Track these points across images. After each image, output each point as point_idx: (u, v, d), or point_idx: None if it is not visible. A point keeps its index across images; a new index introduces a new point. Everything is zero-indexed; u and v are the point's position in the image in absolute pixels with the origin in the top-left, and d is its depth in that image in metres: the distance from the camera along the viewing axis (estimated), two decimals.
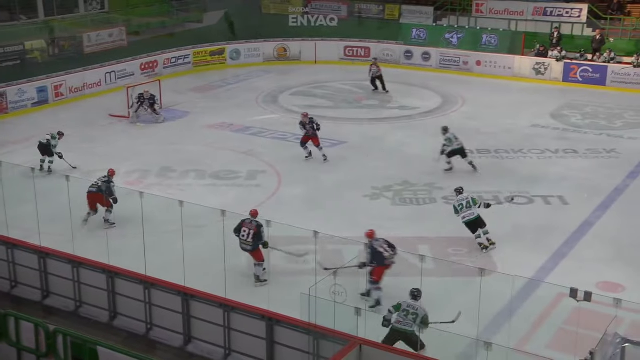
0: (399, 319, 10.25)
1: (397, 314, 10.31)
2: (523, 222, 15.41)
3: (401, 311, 10.30)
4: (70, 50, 26.94)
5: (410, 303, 10.38)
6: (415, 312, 10.25)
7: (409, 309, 10.28)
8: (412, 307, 10.30)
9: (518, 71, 27.97)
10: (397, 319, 10.28)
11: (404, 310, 10.29)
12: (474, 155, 19.47)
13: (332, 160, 19.24)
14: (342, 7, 32.60)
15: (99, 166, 18.40)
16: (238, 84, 27.59)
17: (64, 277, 12.31)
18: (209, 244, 12.75)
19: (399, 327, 10.22)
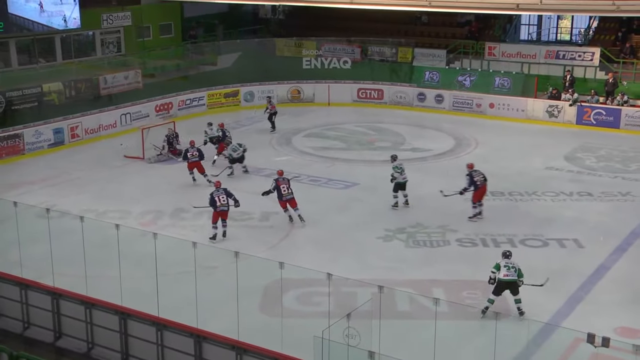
0: (506, 273, 12.80)
1: (503, 270, 12.84)
2: (538, 265, 15.25)
3: (503, 267, 12.87)
4: (86, 92, 27.28)
5: (507, 261, 12.99)
6: (514, 266, 12.90)
7: (509, 265, 12.91)
8: (510, 263, 12.96)
9: (531, 114, 28.02)
10: (504, 273, 12.81)
11: (505, 266, 12.88)
12: (487, 198, 19.41)
13: (345, 202, 19.25)
14: (355, 49, 32.90)
15: (112, 207, 18.55)
16: (252, 126, 27.76)
17: (76, 318, 12.29)
18: (222, 285, 12.69)
19: (507, 279, 12.79)
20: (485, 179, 18.11)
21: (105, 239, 13.12)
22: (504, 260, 13.07)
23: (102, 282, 13.38)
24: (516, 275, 12.88)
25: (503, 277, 12.85)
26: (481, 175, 17.96)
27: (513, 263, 12.97)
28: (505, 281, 12.83)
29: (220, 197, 16.69)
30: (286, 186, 17.46)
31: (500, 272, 12.88)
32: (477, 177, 17.92)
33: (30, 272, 13.21)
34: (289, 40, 33.98)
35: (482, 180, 17.96)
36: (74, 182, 20.93)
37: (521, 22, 35.57)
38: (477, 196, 17.92)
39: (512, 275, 12.82)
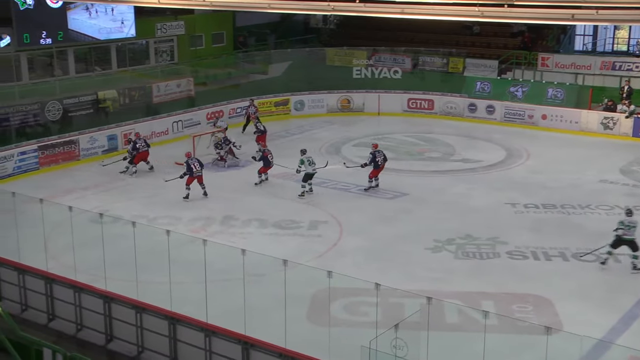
0: (625, 232, 15.10)
1: (622, 229, 15.16)
2: (592, 280, 14.97)
3: (624, 226, 15.15)
4: (139, 100, 27.79)
5: (629, 219, 15.21)
6: (634, 225, 15.18)
7: (630, 224, 15.14)
8: (631, 222, 15.18)
9: (585, 125, 27.51)
10: (623, 232, 15.11)
11: (627, 225, 15.16)
12: (539, 210, 19.13)
13: (393, 213, 19.17)
14: (405, 59, 32.80)
15: (163, 213, 18.82)
16: (301, 135, 27.88)
17: (127, 322, 12.48)
18: (270, 293, 12.74)
19: (626, 238, 15.16)
20: (385, 159, 20.90)
21: (156, 245, 13.31)
22: (625, 219, 15.37)
23: (152, 287, 13.57)
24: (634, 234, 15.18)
25: (624, 237, 15.19)
26: (382, 156, 20.83)
27: (633, 222, 15.26)
28: (626, 240, 15.22)
29: (194, 164, 19.97)
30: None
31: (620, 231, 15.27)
32: (378, 157, 20.76)
33: (84, 276, 13.48)
34: (339, 50, 34.07)
35: (382, 160, 20.81)
36: (126, 188, 21.31)
37: (576, 33, 35.06)
38: (374, 173, 20.81)
39: (631, 235, 15.14)
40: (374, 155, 20.77)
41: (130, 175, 22.38)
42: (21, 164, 22.30)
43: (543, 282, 14.88)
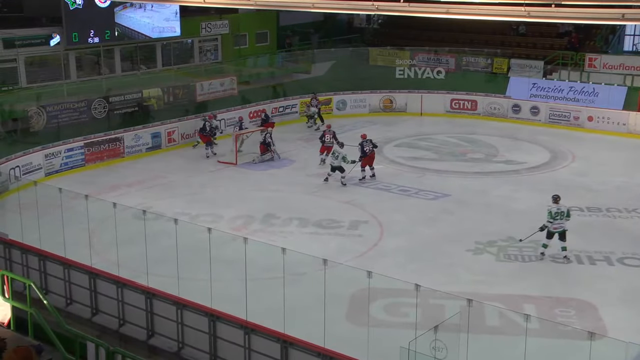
0: (554, 225, 15.52)
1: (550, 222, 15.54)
2: (637, 285, 14.67)
3: (551, 217, 15.54)
4: (183, 98, 28.10)
5: (556, 207, 15.62)
6: (562, 212, 15.55)
7: (558, 213, 15.54)
8: (559, 210, 15.59)
9: (633, 128, 26.94)
10: (551, 225, 15.55)
11: (554, 215, 15.52)
12: (583, 213, 18.81)
13: (434, 214, 19.05)
14: (449, 59, 32.55)
15: (205, 210, 19.00)
16: (343, 134, 27.76)
17: (168, 317, 12.62)
18: (310, 292, 12.76)
19: (554, 231, 15.57)
20: (374, 147, 21.50)
21: (198, 242, 13.41)
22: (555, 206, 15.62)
23: (193, 284, 13.68)
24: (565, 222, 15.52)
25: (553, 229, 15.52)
26: (370, 145, 21.44)
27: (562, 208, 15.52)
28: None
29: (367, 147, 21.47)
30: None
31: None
32: (366, 146, 21.41)
33: (126, 272, 13.67)
34: (382, 50, 33.97)
35: (370, 149, 21.41)
36: (169, 185, 21.58)
37: (625, 33, 34.33)
38: (364, 162, 21.51)
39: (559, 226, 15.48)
40: (362, 145, 21.48)
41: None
42: (68, 160, 22.75)
43: (587, 286, 14.65)
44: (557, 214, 15.58)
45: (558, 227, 15.62)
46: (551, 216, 15.58)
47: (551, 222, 15.61)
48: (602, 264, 15.76)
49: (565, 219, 15.65)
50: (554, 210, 15.61)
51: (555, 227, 15.62)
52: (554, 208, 15.66)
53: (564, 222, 15.64)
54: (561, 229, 15.63)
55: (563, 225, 15.62)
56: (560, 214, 15.58)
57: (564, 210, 15.64)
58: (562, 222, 15.62)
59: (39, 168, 21.78)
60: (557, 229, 15.62)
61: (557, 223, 15.60)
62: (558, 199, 15.86)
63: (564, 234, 15.66)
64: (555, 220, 15.58)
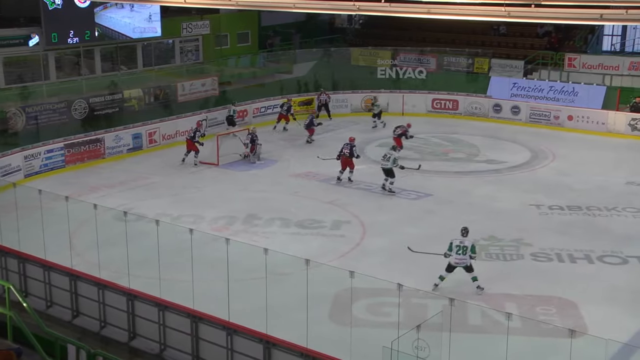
0: (456, 259, 14.00)
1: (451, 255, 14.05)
2: (617, 283, 14.79)
3: (455, 251, 14.00)
4: (164, 99, 27.99)
5: (460, 240, 14.08)
6: (465, 247, 13.97)
7: (460, 247, 13.97)
8: (462, 243, 14.04)
9: (612, 127, 27.19)
10: (454, 259, 14.03)
11: (457, 247, 13.97)
12: (564, 212, 18.97)
13: (417, 213, 19.10)
14: (430, 59, 32.66)
15: (187, 211, 18.92)
16: (325, 134, 27.87)
17: (150, 319, 12.56)
18: (292, 293, 12.74)
19: (456, 264, 14.06)
20: (350, 154, 21.10)
21: (179, 243, 13.37)
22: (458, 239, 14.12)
23: (175, 285, 13.63)
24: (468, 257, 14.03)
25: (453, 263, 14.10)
26: (348, 149, 21.18)
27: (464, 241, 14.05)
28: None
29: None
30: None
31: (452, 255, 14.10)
32: (344, 149, 21.29)
33: (108, 273, 13.59)
34: (364, 50, 34.05)
35: (347, 153, 21.15)
36: (150, 186, 21.47)
37: (604, 33, 34.62)
38: (346, 163, 21.35)
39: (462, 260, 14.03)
40: (341, 148, 21.53)
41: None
42: (47, 161, 22.56)
43: (568, 284, 14.75)
44: (459, 247, 14.09)
45: (460, 262, 14.12)
46: (450, 249, 14.18)
47: (450, 254, 14.18)
48: (583, 262, 15.88)
49: (469, 254, 14.10)
50: (455, 244, 14.14)
51: (456, 261, 14.14)
52: (457, 241, 14.17)
53: (467, 258, 14.09)
54: (463, 264, 14.16)
55: (465, 261, 14.10)
56: (462, 249, 14.08)
57: (467, 245, 14.09)
58: (464, 258, 14.07)
59: (18, 169, 21.57)
60: (459, 263, 14.15)
61: (458, 258, 14.10)
62: (465, 233, 14.30)
63: (468, 269, 14.23)
64: (457, 254, 14.09)
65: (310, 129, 26.41)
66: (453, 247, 14.13)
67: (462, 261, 14.11)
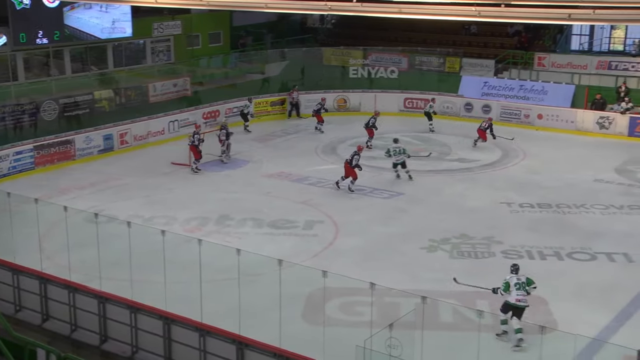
0: (518, 297, 12.40)
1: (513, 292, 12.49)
2: (585, 279, 14.99)
3: (516, 286, 12.47)
4: (136, 100, 27.79)
5: (516, 277, 12.62)
6: (524, 283, 12.53)
7: (519, 283, 12.50)
8: (519, 280, 12.57)
9: (581, 125, 27.53)
10: (516, 295, 12.41)
11: (517, 284, 12.48)
12: (534, 210, 19.17)
13: (389, 212, 19.19)
14: (402, 59, 32.81)
15: (159, 213, 18.81)
16: (297, 134, 27.89)
17: (121, 322, 12.48)
18: (265, 293, 12.74)
19: (518, 305, 12.39)
20: (349, 160, 20.75)
21: (152, 245, 13.28)
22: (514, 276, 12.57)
23: (147, 287, 13.55)
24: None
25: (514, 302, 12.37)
26: (349, 157, 20.85)
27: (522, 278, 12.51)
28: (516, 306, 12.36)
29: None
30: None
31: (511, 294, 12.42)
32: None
33: (79, 276, 13.47)
34: (336, 50, 34.11)
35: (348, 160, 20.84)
36: (122, 188, 21.30)
37: (572, 33, 35.08)
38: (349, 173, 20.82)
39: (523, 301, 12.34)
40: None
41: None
42: (17, 163, 22.26)
43: (538, 281, 14.81)
44: (519, 285, 12.64)
45: (522, 299, 12.55)
46: (506, 288, 12.68)
47: (506, 293, 12.68)
48: (553, 259, 16.08)
49: (528, 289, 12.68)
50: (514, 282, 12.68)
51: (518, 298, 12.54)
52: (514, 278, 12.75)
53: (525, 295, 12.61)
54: (524, 304, 12.56)
55: (526, 299, 12.59)
56: (522, 286, 12.64)
57: (524, 281, 12.70)
58: (524, 294, 12.60)
59: None
60: (521, 301, 12.55)
61: (520, 294, 12.57)
62: (514, 270, 13.02)
63: (522, 311, 12.58)
64: (518, 291, 12.59)
65: (318, 116, 27.20)
66: (512, 286, 12.56)
67: (524, 298, 12.52)
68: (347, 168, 20.77)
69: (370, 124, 25.74)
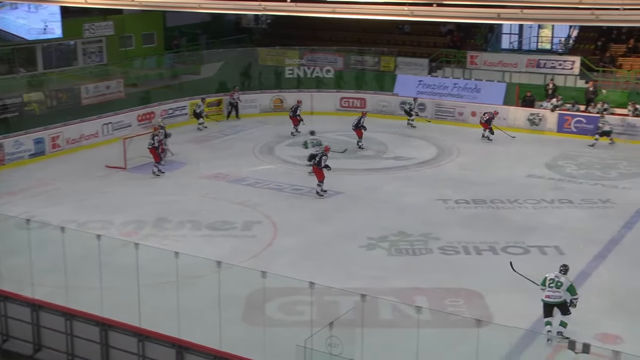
0: (548, 294, 12.55)
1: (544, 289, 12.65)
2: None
3: (548, 285, 12.58)
4: (67, 102, 27.16)
5: (554, 275, 12.67)
6: (560, 282, 12.57)
7: (555, 281, 12.59)
8: (556, 278, 12.65)
9: (513, 122, 28.18)
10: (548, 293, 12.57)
11: (550, 281, 12.58)
12: (469, 206, 19.53)
13: (327, 211, 19.27)
14: (338, 58, 33.01)
15: (94, 217, 18.43)
16: (235, 135, 27.75)
17: (56, 330, 12.19)
18: (204, 295, 12.63)
19: (550, 301, 12.54)
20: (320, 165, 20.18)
21: (87, 250, 13.03)
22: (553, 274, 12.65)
23: (83, 293, 13.28)
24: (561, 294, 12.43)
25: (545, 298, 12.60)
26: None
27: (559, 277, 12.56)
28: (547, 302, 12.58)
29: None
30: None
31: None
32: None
33: (10, 284, 13.09)
34: (271, 50, 34.08)
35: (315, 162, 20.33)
36: (55, 192, 20.78)
37: (502, 32, 35.92)
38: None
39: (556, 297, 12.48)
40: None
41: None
42: None
43: (474, 275, 15.20)
44: (553, 281, 12.66)
45: (552, 295, 12.62)
46: (543, 283, 12.80)
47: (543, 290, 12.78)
48: (488, 253, 16.41)
49: (562, 291, 12.59)
50: (550, 277, 12.75)
51: (548, 294, 12.66)
52: (551, 274, 12.80)
53: (560, 293, 12.57)
54: (556, 300, 12.62)
55: (558, 296, 12.58)
56: (556, 283, 12.62)
57: (561, 281, 12.61)
58: (558, 292, 12.57)
59: None
60: (550, 298, 12.64)
61: (550, 291, 12.65)
62: (563, 270, 12.86)
63: (564, 309, 12.67)
64: (550, 287, 12.66)
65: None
66: (546, 281, 12.69)
67: (554, 294, 12.57)
68: (316, 170, 20.37)
69: (360, 124, 25.51)
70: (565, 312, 12.56)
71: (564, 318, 12.55)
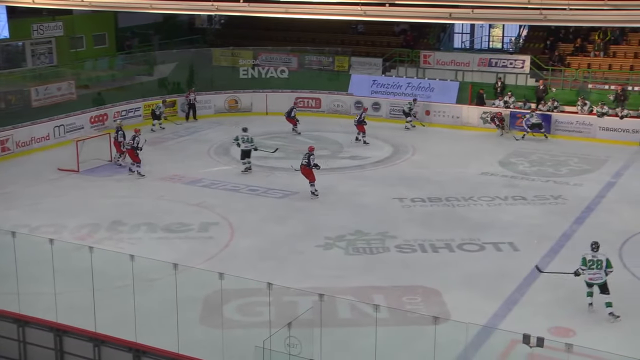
0: (591, 275, 13.20)
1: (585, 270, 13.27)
2: (475, 269, 15.55)
3: (586, 265, 13.24)
4: (17, 105, 26.60)
5: (591, 254, 13.31)
6: (600, 261, 13.23)
7: (593, 261, 13.24)
8: (594, 257, 13.30)
9: (466, 120, 28.56)
10: (589, 275, 13.21)
11: (590, 262, 13.22)
12: (425, 204, 19.72)
13: (284, 211, 19.26)
14: (292, 59, 33.01)
15: (46, 221, 18.11)
16: (189, 136, 27.54)
17: (8, 337, 11.94)
18: (161, 298, 12.52)
19: (592, 282, 13.22)
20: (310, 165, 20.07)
21: (39, 254, 12.79)
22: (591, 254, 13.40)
23: (36, 299, 13.02)
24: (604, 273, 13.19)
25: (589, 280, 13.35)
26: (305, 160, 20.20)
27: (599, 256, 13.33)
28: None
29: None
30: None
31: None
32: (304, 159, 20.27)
33: None
34: (225, 50, 33.91)
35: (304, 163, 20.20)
36: (5, 196, 20.34)
37: (454, 31, 36.36)
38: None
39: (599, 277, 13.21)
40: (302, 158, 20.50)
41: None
42: None
43: (431, 273, 15.35)
44: (593, 262, 13.34)
45: (595, 277, 13.29)
46: (584, 263, 13.41)
47: (583, 271, 13.43)
48: (444, 251, 16.59)
49: (604, 270, 13.26)
50: (588, 258, 13.40)
51: (590, 276, 13.34)
52: (589, 255, 13.45)
53: (602, 273, 13.24)
54: (599, 281, 13.26)
55: (600, 276, 13.24)
56: (596, 263, 13.30)
57: (601, 259, 13.32)
58: (599, 272, 13.25)
59: None
60: (594, 279, 13.31)
61: (592, 273, 13.32)
62: (595, 247, 13.55)
63: (604, 289, 13.28)
64: (591, 269, 13.33)
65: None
66: (587, 262, 13.29)
67: (597, 276, 13.21)
68: (306, 171, 20.22)
69: (361, 119, 25.96)
70: (604, 291, 13.25)
71: (607, 298, 13.20)
